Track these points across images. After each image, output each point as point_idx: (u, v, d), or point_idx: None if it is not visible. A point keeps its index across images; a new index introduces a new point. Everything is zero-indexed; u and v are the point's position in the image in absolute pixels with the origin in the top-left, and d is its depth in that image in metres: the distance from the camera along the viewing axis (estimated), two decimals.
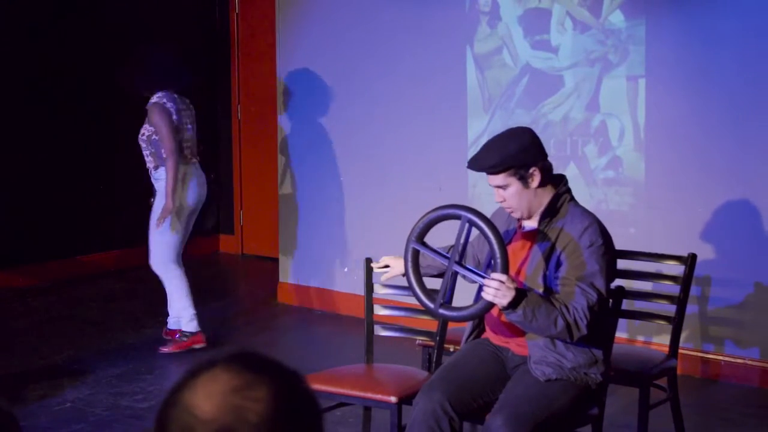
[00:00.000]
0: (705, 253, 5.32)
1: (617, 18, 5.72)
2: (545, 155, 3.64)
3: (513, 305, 3.37)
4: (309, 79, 6.99)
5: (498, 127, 6.15)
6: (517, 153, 3.57)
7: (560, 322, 3.41)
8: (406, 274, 3.61)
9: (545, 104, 5.93)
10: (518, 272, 3.62)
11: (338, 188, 6.89)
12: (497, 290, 3.35)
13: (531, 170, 3.58)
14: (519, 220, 3.71)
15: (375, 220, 6.69)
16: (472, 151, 6.27)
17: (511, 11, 6.08)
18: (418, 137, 6.51)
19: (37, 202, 7.81)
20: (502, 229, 3.65)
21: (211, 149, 8.99)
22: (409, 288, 3.61)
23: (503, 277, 3.36)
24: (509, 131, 3.70)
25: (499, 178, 3.60)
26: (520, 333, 3.62)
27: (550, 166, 3.65)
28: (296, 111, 7.07)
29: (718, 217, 5.47)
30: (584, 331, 3.44)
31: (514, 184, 3.58)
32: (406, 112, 6.54)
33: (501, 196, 3.63)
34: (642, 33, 5.64)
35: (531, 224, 3.67)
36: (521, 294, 3.38)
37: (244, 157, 8.91)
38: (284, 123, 7.16)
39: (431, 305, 3.53)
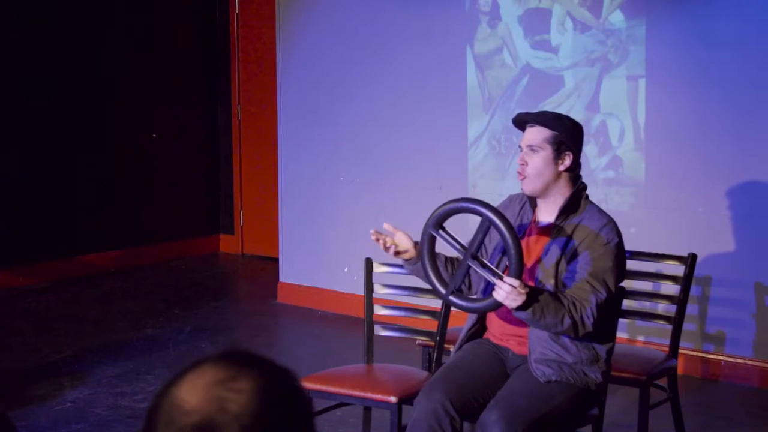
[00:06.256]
0: (705, 253, 5.32)
1: (617, 18, 5.72)
2: (580, 154, 3.69)
3: (523, 307, 3.39)
4: (309, 79, 6.99)
5: (498, 127, 6.16)
6: (569, 127, 3.65)
7: (567, 320, 3.43)
8: (421, 259, 3.61)
9: (545, 104, 5.93)
10: (533, 267, 3.63)
11: (338, 188, 6.89)
12: (508, 294, 3.37)
13: (567, 152, 3.62)
14: (534, 213, 3.71)
15: (375, 219, 6.67)
16: (473, 152, 6.31)
17: (511, 11, 6.08)
18: (418, 137, 6.51)
19: (36, 201, 7.81)
20: (513, 222, 3.67)
21: (211, 149, 9.01)
22: (423, 272, 3.63)
23: (516, 282, 3.36)
24: (568, 115, 3.83)
25: (538, 138, 3.62)
26: (523, 324, 3.62)
27: (579, 166, 3.68)
28: (296, 111, 7.07)
29: (718, 217, 5.47)
30: (590, 328, 3.46)
31: (547, 151, 3.61)
32: (406, 112, 6.54)
33: (525, 158, 3.63)
34: (642, 33, 5.64)
35: (547, 219, 3.68)
36: (532, 297, 3.39)
37: (244, 157, 8.91)
38: (284, 123, 7.16)
39: (443, 291, 3.56)
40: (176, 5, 8.65)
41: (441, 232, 3.56)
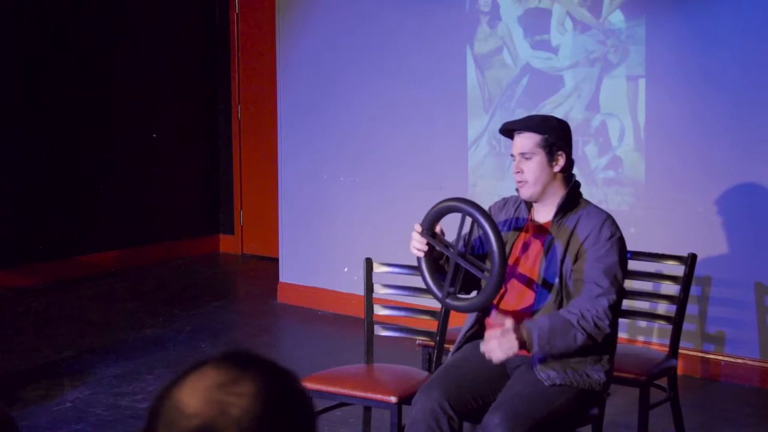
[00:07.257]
0: (705, 253, 5.32)
1: (617, 18, 5.72)
2: (571, 152, 3.71)
3: (524, 345, 3.39)
4: (309, 80, 6.99)
5: (498, 127, 6.15)
6: (557, 128, 3.66)
7: (579, 337, 3.43)
8: (418, 262, 3.66)
9: (545, 104, 5.93)
10: (534, 266, 3.63)
11: (338, 188, 6.89)
12: (500, 346, 3.38)
13: (559, 152, 3.64)
14: (530, 212, 3.71)
15: (375, 220, 6.70)
16: (473, 151, 6.31)
17: (511, 11, 6.08)
18: (418, 137, 6.51)
19: (36, 201, 7.81)
20: (509, 217, 3.72)
21: (211, 149, 9.01)
22: (420, 274, 3.68)
23: (496, 333, 3.39)
24: (552, 115, 3.85)
25: (529, 145, 3.63)
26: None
27: (572, 164, 3.69)
28: (296, 111, 7.07)
29: (718, 217, 5.47)
30: (607, 330, 3.47)
31: (540, 156, 3.62)
32: (406, 112, 6.54)
33: (520, 166, 3.64)
34: (642, 33, 5.64)
35: (544, 219, 3.68)
36: (523, 337, 3.38)
37: (244, 157, 8.91)
38: (284, 123, 7.16)
39: (439, 294, 3.62)
40: (176, 5, 8.65)
41: (430, 237, 3.59)
